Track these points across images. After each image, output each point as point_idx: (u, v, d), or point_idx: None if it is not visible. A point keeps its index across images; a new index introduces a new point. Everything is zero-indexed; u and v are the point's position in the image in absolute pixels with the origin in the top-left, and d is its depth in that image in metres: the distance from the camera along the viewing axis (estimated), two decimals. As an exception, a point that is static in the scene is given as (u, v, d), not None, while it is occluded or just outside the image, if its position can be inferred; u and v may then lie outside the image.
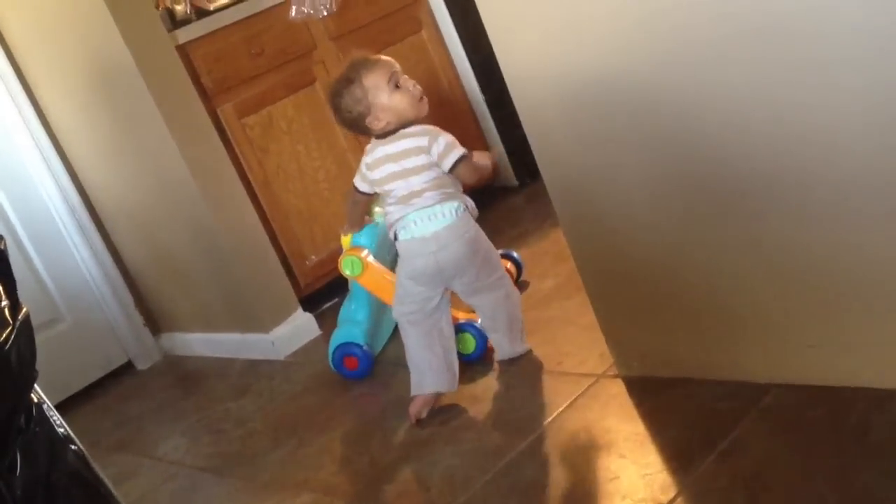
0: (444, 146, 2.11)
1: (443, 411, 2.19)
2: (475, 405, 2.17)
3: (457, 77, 3.53)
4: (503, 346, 2.29)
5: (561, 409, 2.00)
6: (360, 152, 3.20)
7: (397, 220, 2.13)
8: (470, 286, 2.19)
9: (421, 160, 2.10)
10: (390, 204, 2.14)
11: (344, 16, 3.19)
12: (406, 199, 2.11)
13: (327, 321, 3.06)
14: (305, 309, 3.04)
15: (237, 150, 2.98)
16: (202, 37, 2.92)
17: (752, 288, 1.68)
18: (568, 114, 1.80)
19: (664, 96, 1.63)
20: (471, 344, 2.34)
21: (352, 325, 2.57)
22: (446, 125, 3.49)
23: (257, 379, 2.88)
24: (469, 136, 3.52)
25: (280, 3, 3.07)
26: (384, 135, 2.14)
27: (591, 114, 1.76)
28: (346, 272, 2.45)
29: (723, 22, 1.49)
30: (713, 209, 1.67)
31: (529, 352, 2.29)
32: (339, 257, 2.48)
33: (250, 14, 3.02)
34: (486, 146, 3.56)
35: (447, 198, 2.11)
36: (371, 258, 2.46)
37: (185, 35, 2.88)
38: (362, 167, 2.21)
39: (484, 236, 2.19)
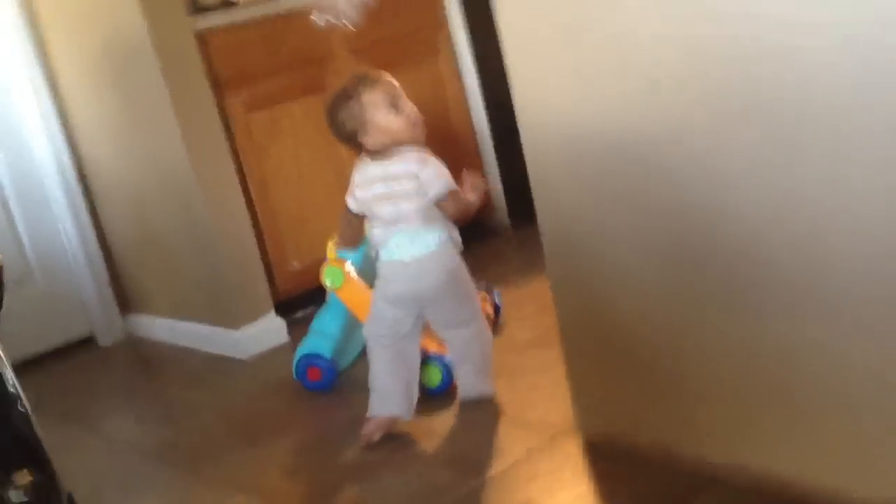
0: (432, 175, 2.09)
1: (396, 439, 2.16)
2: (429, 439, 2.14)
3: (467, 109, 3.53)
4: (468, 385, 2.26)
5: (515, 459, 1.98)
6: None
7: (381, 242, 2.12)
8: (444, 318, 2.18)
9: (409, 185, 2.08)
10: (376, 224, 2.13)
11: (366, 29, 3.18)
12: (392, 222, 2.10)
13: (297, 329, 3.02)
14: (278, 313, 3.01)
15: (239, 145, 2.96)
16: (222, 27, 2.92)
17: (724, 374, 1.67)
18: (573, 165, 1.79)
19: (668, 166, 1.63)
20: (436, 377, 2.32)
21: (322, 336, 2.54)
22: (448, 155, 3.48)
23: (216, 373, 2.85)
24: (472, 169, 3.51)
25: (305, 8, 3.07)
26: (376, 153, 2.12)
27: (594, 169, 1.76)
28: (327, 282, 2.43)
29: (735, 100, 1.49)
30: (698, 290, 1.66)
31: (493, 396, 2.26)
32: (321, 266, 2.46)
33: (274, 13, 3.02)
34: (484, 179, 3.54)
35: (433, 227, 2.10)
36: (353, 273, 2.43)
37: (205, 22, 2.87)
38: (352, 184, 2.18)
39: (465, 270, 2.18)
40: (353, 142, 2.14)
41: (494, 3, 1.81)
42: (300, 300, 3.16)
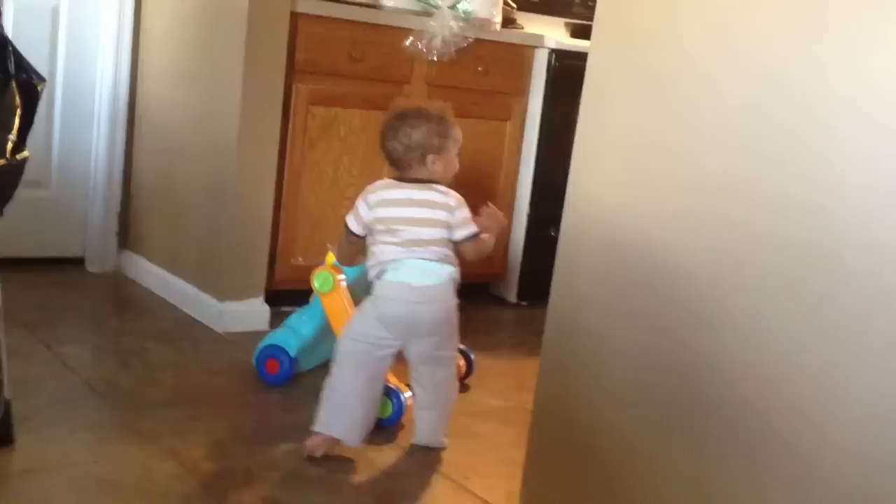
0: (464, 218, 2.17)
1: (336, 460, 2.13)
2: (369, 471, 2.11)
3: (515, 178, 3.55)
4: (427, 430, 2.25)
5: (445, 519, 1.95)
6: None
7: (390, 261, 2.11)
8: (428, 352, 2.17)
9: (440, 215, 2.13)
10: (390, 243, 2.12)
11: (451, 69, 3.23)
12: (410, 245, 2.11)
13: (279, 321, 3.00)
14: (267, 301, 3.00)
15: (290, 131, 2.98)
16: (318, 16, 2.95)
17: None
18: (601, 265, 1.79)
19: (693, 301, 1.62)
20: (388, 409, 2.31)
21: (292, 333, 2.53)
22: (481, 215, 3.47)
23: (188, 337, 2.82)
24: (499, 236, 3.52)
25: (400, 28, 3.11)
26: (412, 179, 2.17)
27: (620, 278, 1.75)
28: (315, 284, 2.42)
29: (786, 259, 1.49)
30: (679, 427, 1.64)
31: (442, 452, 2.24)
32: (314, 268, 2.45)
33: (370, 21, 3.06)
34: (504, 248, 3.56)
35: (445, 260, 2.13)
36: (344, 285, 2.43)
37: (305, 6, 2.91)
38: (361, 208, 2.17)
39: (456, 313, 2.19)
40: (414, 154, 2.16)
41: (584, 90, 1.83)
42: (292, 296, 3.13)
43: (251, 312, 2.95)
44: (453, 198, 2.16)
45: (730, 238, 1.57)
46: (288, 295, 3.13)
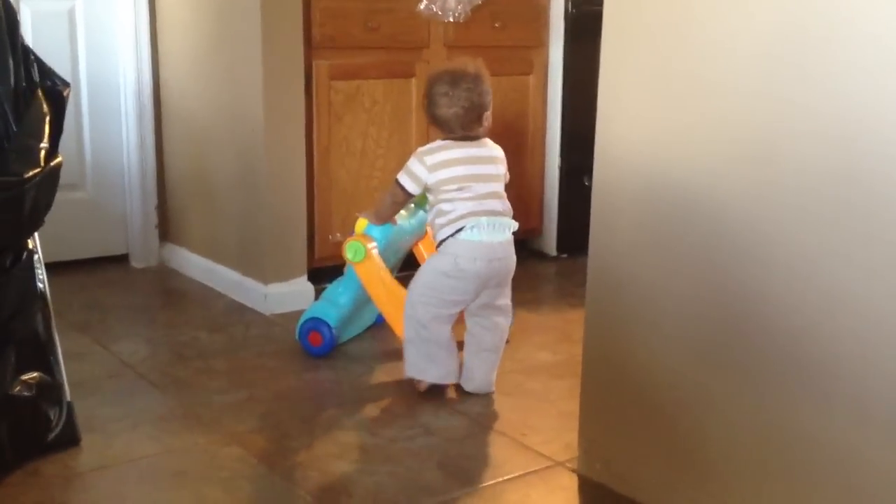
0: (506, 169, 2.36)
1: (396, 426, 2.16)
2: (426, 437, 2.14)
3: (543, 130, 3.53)
4: (480, 377, 2.34)
5: (507, 477, 1.97)
6: (424, 159, 3.21)
7: (464, 216, 2.22)
8: (492, 301, 2.31)
9: (501, 169, 2.32)
10: (463, 199, 2.23)
11: (467, 28, 3.21)
12: (484, 197, 2.24)
13: (324, 299, 3.04)
14: (310, 279, 3.03)
15: (314, 108, 2.98)
16: (330, -10, 2.94)
17: (742, 450, 1.65)
18: (637, 209, 1.78)
19: (731, 236, 1.61)
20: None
21: (331, 304, 2.57)
22: (518, 167, 3.48)
23: (237, 323, 2.86)
24: (533, 191, 3.52)
25: (414, -7, 3.09)
26: (465, 137, 2.28)
27: (657, 219, 1.75)
28: (348, 255, 2.47)
29: (823, 189, 1.47)
30: (733, 361, 1.64)
31: (498, 409, 2.29)
32: (345, 239, 2.50)
33: (383, -10, 3.04)
34: (539, 204, 3.56)
35: (509, 212, 2.29)
36: (376, 252, 2.47)
37: (315, -19, 2.90)
38: (417, 169, 2.27)
39: None
40: (474, 114, 2.27)
41: (603, 36, 1.81)
42: (333, 272, 3.16)
43: (296, 292, 2.98)
44: (500, 151, 2.34)
45: (765, 172, 1.56)
46: (330, 271, 3.15)
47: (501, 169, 2.31)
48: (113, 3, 3.27)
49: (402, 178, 2.30)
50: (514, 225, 2.28)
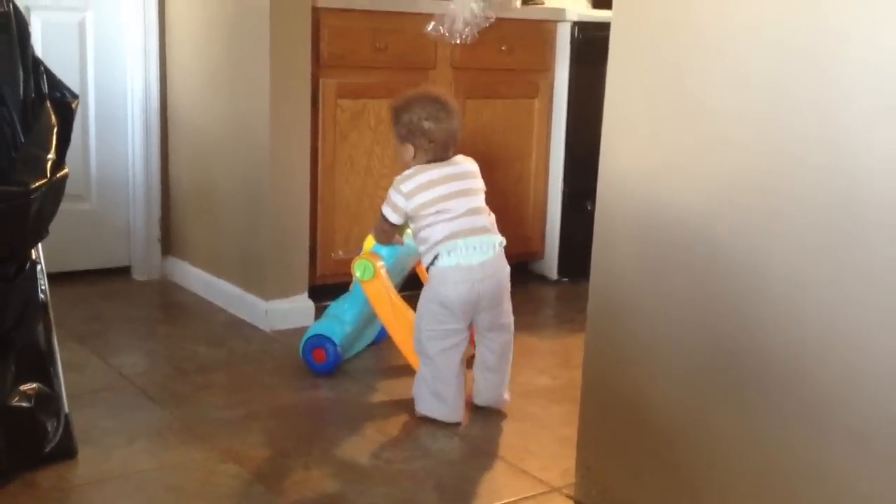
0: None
1: (394, 447, 2.15)
2: (425, 459, 2.13)
3: (547, 155, 3.54)
4: (490, 391, 2.35)
5: (504, 502, 1.96)
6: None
7: (442, 241, 2.20)
8: (493, 321, 2.29)
9: (479, 184, 2.32)
10: (441, 220, 2.22)
11: (474, 51, 3.22)
12: (463, 215, 2.23)
13: (325, 317, 3.04)
14: (311, 296, 3.02)
15: (320, 125, 3.00)
16: (339, 9, 2.96)
17: (739, 477, 1.64)
18: (639, 234, 1.79)
19: (731, 264, 1.61)
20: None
21: (336, 321, 2.57)
22: (521, 189, 3.48)
23: (236, 338, 2.86)
24: (535, 214, 3.53)
25: (421, 14, 3.11)
26: (436, 159, 2.30)
27: (659, 245, 1.75)
28: (357, 273, 2.47)
29: (821, 225, 1.47)
30: (730, 388, 1.64)
31: (497, 440, 2.27)
32: (354, 258, 2.51)
33: (391, 10, 3.06)
34: (541, 227, 3.57)
35: (492, 231, 2.27)
36: (384, 271, 2.47)
37: (325, 0, 2.91)
38: (397, 199, 2.29)
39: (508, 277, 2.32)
40: (454, 136, 2.32)
41: (609, 62, 1.82)
42: (335, 289, 3.16)
43: (296, 309, 2.98)
44: (474, 164, 2.35)
45: (766, 202, 1.56)
46: (331, 289, 3.15)
47: (480, 182, 2.31)
48: (123, 17, 3.29)
49: (386, 210, 2.33)
50: (499, 240, 2.25)
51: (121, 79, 3.33)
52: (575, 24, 3.43)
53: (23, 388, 1.92)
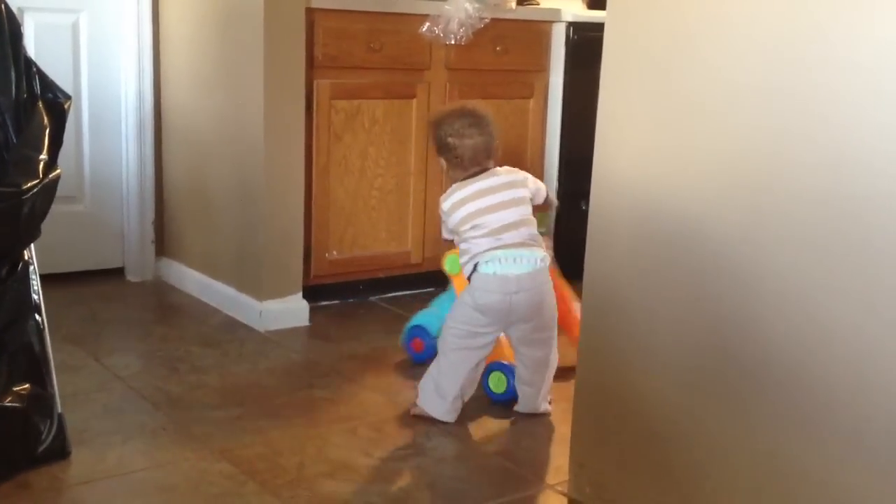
0: (532, 179, 2.37)
1: (388, 446, 2.15)
2: (419, 458, 2.13)
3: (542, 155, 3.54)
4: (528, 401, 2.36)
5: (498, 500, 1.96)
6: (422, 178, 3.23)
7: (481, 253, 2.22)
8: (527, 335, 2.28)
9: (518, 193, 2.28)
10: (477, 237, 2.23)
11: (469, 51, 3.23)
12: (498, 232, 2.22)
13: (319, 316, 3.04)
14: (305, 297, 3.02)
15: (315, 126, 3.00)
16: (333, 10, 2.96)
17: (732, 479, 1.64)
18: (633, 236, 1.79)
19: (726, 265, 1.61)
20: (503, 386, 2.41)
21: (433, 314, 2.66)
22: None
23: (231, 338, 2.86)
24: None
25: (416, 15, 3.11)
26: (472, 175, 2.30)
27: (653, 247, 1.75)
28: (446, 268, 2.53)
29: (818, 222, 1.48)
30: (724, 390, 1.64)
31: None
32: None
33: (385, 11, 3.06)
34: (538, 230, 3.56)
35: (534, 244, 2.25)
36: None
37: (319, 1, 2.92)
38: (443, 217, 2.32)
39: (553, 293, 2.30)
40: (486, 153, 2.31)
41: (603, 63, 1.82)
42: (329, 289, 3.18)
43: (291, 310, 2.98)
44: (516, 172, 2.34)
45: (760, 201, 1.56)
46: (326, 289, 3.16)
47: (520, 192, 2.28)
48: (116, 18, 3.29)
49: (442, 230, 2.38)
50: (540, 255, 2.23)
51: (114, 80, 3.33)
52: (570, 24, 3.43)
53: (16, 388, 1.92)
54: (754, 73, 1.55)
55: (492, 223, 2.22)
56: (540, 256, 2.23)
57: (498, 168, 2.32)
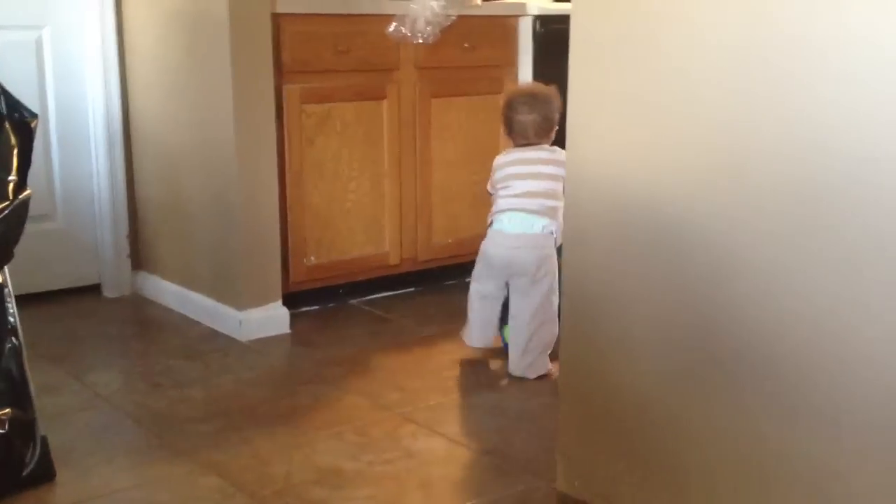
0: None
1: (375, 449, 2.15)
2: (407, 460, 2.13)
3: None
4: (513, 362, 2.61)
5: (489, 497, 1.96)
6: (397, 179, 3.23)
7: (498, 212, 2.64)
8: (523, 287, 2.58)
9: (549, 169, 2.61)
10: (504, 196, 2.64)
11: (437, 50, 3.22)
12: (519, 197, 2.60)
13: (300, 323, 3.03)
14: (285, 304, 3.01)
15: (286, 132, 2.98)
16: (300, 14, 2.95)
17: (715, 466, 1.65)
18: (610, 228, 1.79)
19: (703, 254, 1.62)
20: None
21: None
22: (486, 191, 3.49)
23: (212, 350, 2.84)
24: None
25: (383, 15, 3.10)
26: (520, 145, 2.71)
27: (630, 239, 1.75)
28: None
29: (792, 207, 1.48)
30: (707, 378, 1.65)
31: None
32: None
33: (352, 12, 3.05)
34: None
35: (545, 214, 2.57)
36: None
37: (285, 6, 2.90)
38: (492, 173, 2.74)
39: (556, 263, 2.52)
40: (547, 125, 2.69)
41: (570, 56, 1.82)
42: (309, 295, 3.17)
43: (271, 318, 2.96)
44: (557, 152, 2.63)
45: (734, 185, 1.57)
46: (306, 295, 3.15)
47: (551, 169, 2.59)
48: (80, 31, 3.25)
49: (489, 183, 2.77)
50: (543, 223, 2.56)
51: (81, 95, 3.29)
52: (536, 17, 3.44)
53: (-5, 413, 1.90)
54: (723, 63, 1.56)
55: (518, 188, 2.61)
56: (544, 224, 2.56)
57: (547, 146, 2.67)
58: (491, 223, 2.66)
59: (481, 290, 2.68)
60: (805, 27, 1.44)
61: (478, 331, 2.70)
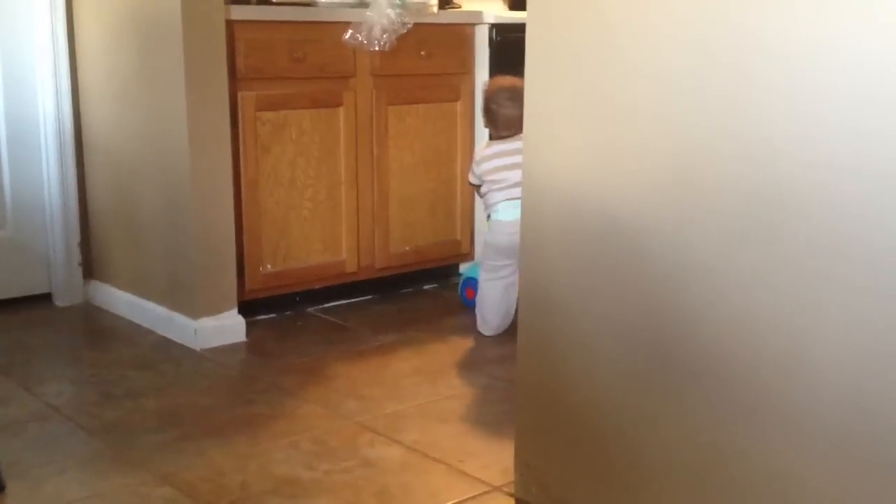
0: None
1: (332, 458, 2.13)
2: (364, 469, 2.12)
3: (472, 156, 3.54)
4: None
5: (445, 506, 1.96)
6: (354, 187, 3.22)
7: (495, 204, 2.92)
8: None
9: None
10: (494, 189, 2.92)
11: (394, 57, 3.22)
12: (511, 187, 2.79)
13: (256, 331, 3.01)
14: (241, 312, 2.98)
15: (241, 140, 2.96)
16: (254, 21, 2.93)
17: (675, 469, 1.66)
18: (565, 234, 1.80)
19: (657, 259, 1.63)
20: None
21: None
22: (443, 200, 3.53)
23: (166, 359, 2.80)
24: (464, 215, 3.54)
25: (338, 22, 3.09)
26: (501, 137, 2.97)
27: (585, 244, 1.76)
28: None
29: (740, 213, 1.50)
30: (664, 381, 1.66)
31: (436, 443, 2.28)
32: None
33: (307, 20, 3.04)
34: (471, 229, 3.57)
35: None
36: None
37: (239, 13, 2.88)
38: (473, 166, 3.02)
39: None
40: (518, 124, 2.57)
41: (526, 63, 1.83)
42: (265, 303, 3.15)
43: (226, 326, 2.93)
44: None
45: (688, 196, 1.58)
46: (262, 303, 3.12)
47: None
48: (29, 37, 3.20)
49: (469, 174, 3.06)
50: None
51: (31, 101, 3.24)
52: (492, 26, 3.45)
53: (-58, 424, 1.86)
54: (677, 70, 1.58)
55: (509, 179, 2.83)
56: None
57: (519, 134, 2.74)
58: (489, 216, 2.96)
59: (494, 275, 2.92)
60: (761, 31, 1.46)
61: (493, 318, 2.94)
